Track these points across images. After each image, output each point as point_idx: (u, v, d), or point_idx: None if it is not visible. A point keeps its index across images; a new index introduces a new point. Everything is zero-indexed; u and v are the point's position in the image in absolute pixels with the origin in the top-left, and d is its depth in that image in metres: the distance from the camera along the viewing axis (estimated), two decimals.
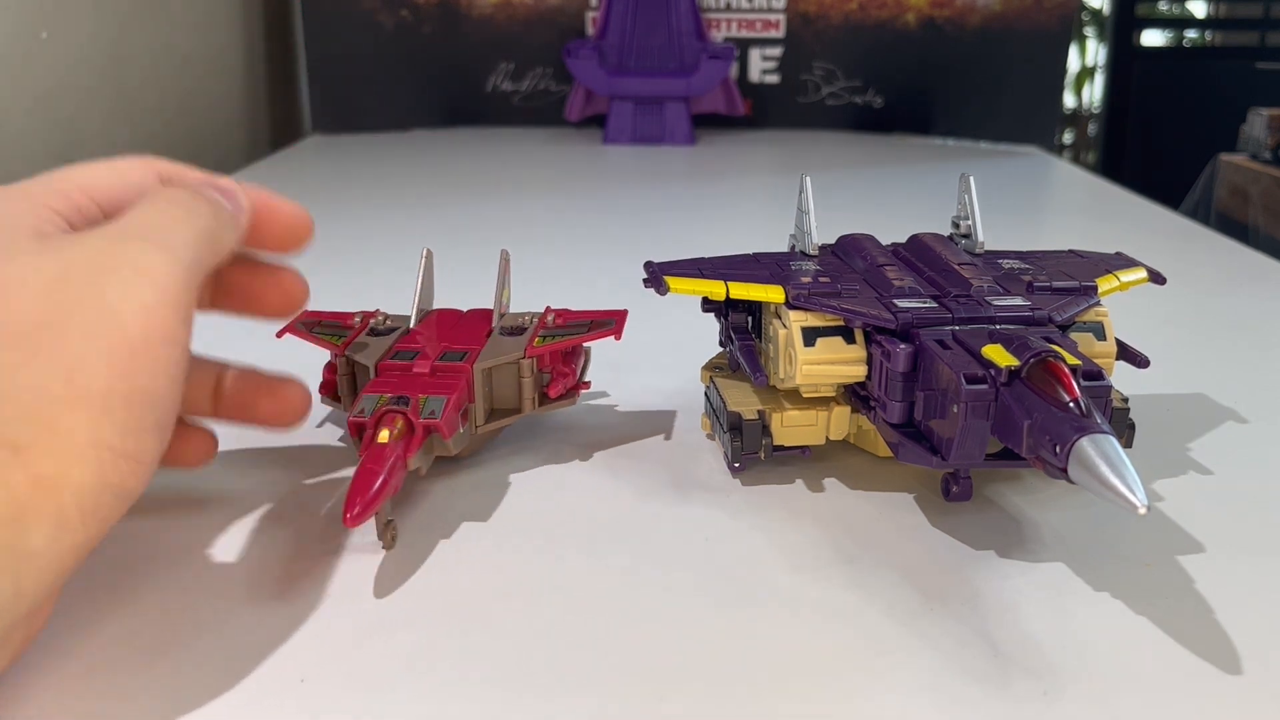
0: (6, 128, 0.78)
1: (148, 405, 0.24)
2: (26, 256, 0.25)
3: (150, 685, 0.25)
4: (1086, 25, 2.37)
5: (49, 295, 0.24)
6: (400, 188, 0.94)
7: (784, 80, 1.26)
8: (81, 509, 0.23)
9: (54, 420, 0.23)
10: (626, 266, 0.45)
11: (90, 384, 0.23)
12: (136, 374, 0.24)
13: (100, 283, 0.24)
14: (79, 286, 0.24)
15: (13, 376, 0.23)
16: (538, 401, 0.38)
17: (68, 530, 0.23)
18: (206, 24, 1.10)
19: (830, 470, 0.37)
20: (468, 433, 0.35)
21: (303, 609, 0.29)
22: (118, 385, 0.24)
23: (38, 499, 0.22)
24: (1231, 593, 0.29)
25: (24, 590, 0.22)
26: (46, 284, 0.24)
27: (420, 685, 0.26)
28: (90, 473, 0.23)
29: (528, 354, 0.37)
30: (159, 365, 0.24)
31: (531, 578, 0.30)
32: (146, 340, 0.24)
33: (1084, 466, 0.26)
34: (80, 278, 0.24)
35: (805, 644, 0.27)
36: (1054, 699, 0.25)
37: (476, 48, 1.24)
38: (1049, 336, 0.31)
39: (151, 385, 0.24)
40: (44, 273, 0.24)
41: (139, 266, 0.25)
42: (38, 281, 0.24)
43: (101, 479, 0.23)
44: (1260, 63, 1.87)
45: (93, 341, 0.24)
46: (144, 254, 0.25)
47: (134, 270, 0.25)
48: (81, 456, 0.23)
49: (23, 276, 0.24)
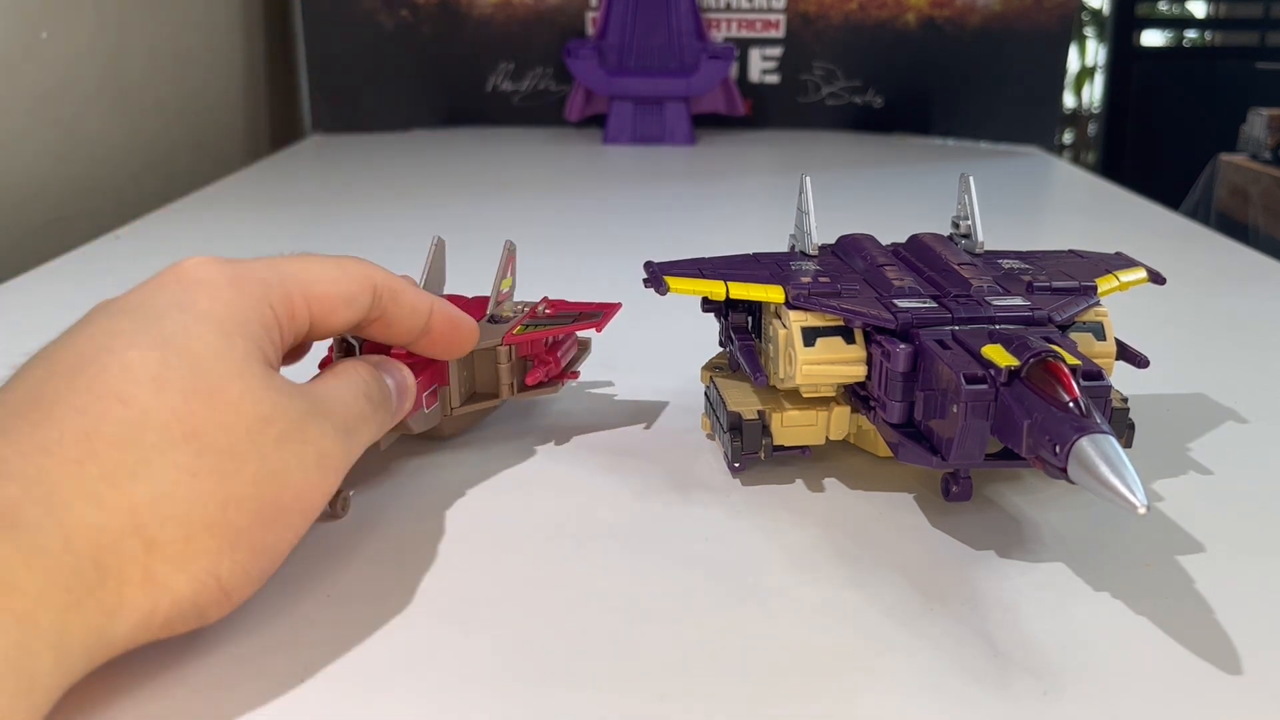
0: (6, 128, 0.78)
1: (267, 560, 0.26)
2: (249, 386, 0.26)
3: (150, 685, 0.25)
4: (1086, 25, 2.37)
5: (248, 431, 0.26)
6: (400, 188, 0.94)
7: (784, 80, 1.26)
8: (166, 618, 0.24)
9: (192, 534, 0.24)
10: (626, 266, 0.45)
11: (236, 521, 0.25)
12: (271, 530, 0.26)
13: (290, 444, 0.26)
14: (273, 438, 0.26)
15: (181, 482, 0.24)
16: (516, 388, 0.39)
17: (145, 630, 0.24)
18: (206, 24, 1.10)
19: (830, 470, 0.37)
20: (436, 414, 0.37)
21: (303, 609, 0.29)
22: (254, 533, 0.25)
23: (140, 597, 0.23)
24: (1231, 593, 0.29)
25: (89, 669, 0.23)
26: (252, 421, 0.26)
27: (421, 685, 0.26)
28: (190, 591, 0.24)
29: (505, 341, 0.38)
30: (289, 531, 0.27)
31: (532, 577, 0.30)
32: (293, 508, 0.27)
33: (1084, 466, 0.26)
34: (278, 429, 0.26)
35: (805, 644, 0.27)
36: (1054, 699, 0.25)
37: (476, 48, 1.24)
38: (1049, 336, 0.31)
39: (276, 545, 0.26)
40: (256, 409, 0.26)
41: (323, 451, 0.27)
42: (248, 414, 0.26)
43: (195, 600, 0.24)
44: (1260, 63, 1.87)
45: (258, 489, 0.25)
46: (333, 441, 0.28)
47: (318, 452, 0.27)
48: (194, 576, 0.24)
49: (239, 403, 0.26)
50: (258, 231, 0.79)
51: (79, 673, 0.23)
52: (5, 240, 0.77)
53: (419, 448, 0.39)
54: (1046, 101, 1.23)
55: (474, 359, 0.38)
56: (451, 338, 0.34)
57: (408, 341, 0.34)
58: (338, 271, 0.30)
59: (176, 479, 0.24)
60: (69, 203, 0.85)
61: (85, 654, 0.22)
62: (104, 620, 0.22)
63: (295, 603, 0.29)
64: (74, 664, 0.22)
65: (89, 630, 0.22)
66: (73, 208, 0.85)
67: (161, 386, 0.25)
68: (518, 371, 0.39)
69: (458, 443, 0.39)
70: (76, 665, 0.22)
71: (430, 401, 0.36)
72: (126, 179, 0.94)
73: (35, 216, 0.81)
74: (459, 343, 0.35)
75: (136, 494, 0.23)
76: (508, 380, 0.38)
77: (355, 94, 1.24)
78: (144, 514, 0.23)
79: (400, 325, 0.33)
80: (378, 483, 0.36)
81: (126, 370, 0.25)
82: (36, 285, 0.62)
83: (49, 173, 0.83)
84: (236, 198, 0.90)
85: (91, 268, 0.66)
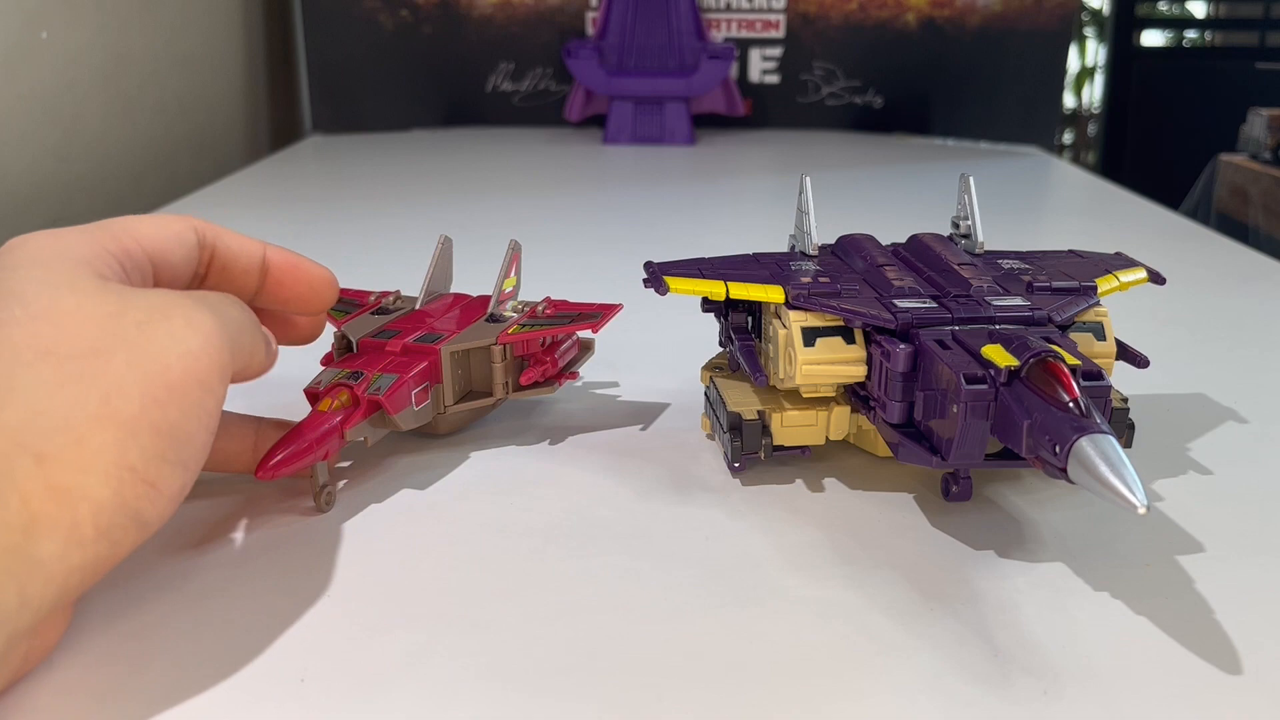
0: (6, 128, 0.78)
1: (175, 440, 0.25)
2: (87, 292, 0.26)
3: (150, 685, 0.25)
4: (1086, 25, 2.37)
5: (101, 327, 0.25)
6: (400, 188, 0.94)
7: (784, 80, 1.26)
8: (96, 526, 0.23)
9: (83, 436, 0.24)
10: (626, 266, 0.45)
11: (124, 408, 0.24)
12: (169, 409, 0.25)
13: (152, 324, 0.26)
14: (132, 324, 0.26)
15: (51, 393, 0.24)
16: (510, 387, 0.39)
17: (78, 544, 0.23)
18: (207, 24, 1.10)
19: (830, 470, 0.37)
20: (428, 411, 0.37)
21: (302, 609, 0.29)
22: (150, 415, 0.25)
23: (52, 509, 0.23)
24: (1231, 593, 0.29)
25: (29, 599, 0.22)
26: (101, 318, 0.25)
27: (420, 685, 0.26)
28: (109, 491, 0.24)
29: (500, 340, 0.38)
30: (192, 407, 0.26)
31: (531, 577, 0.30)
32: (184, 381, 0.26)
33: (1083, 466, 0.26)
34: (134, 317, 0.26)
35: (805, 644, 0.27)
36: (1054, 699, 0.25)
37: (476, 48, 1.24)
38: (1049, 336, 0.31)
39: (182, 423, 0.25)
40: (102, 308, 0.26)
41: (190, 319, 0.27)
42: (94, 314, 0.25)
43: (119, 499, 0.24)
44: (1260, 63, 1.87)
45: (134, 371, 0.25)
46: (196, 311, 0.27)
47: (185, 320, 0.27)
48: (104, 473, 0.24)
49: (80, 307, 0.26)
50: (258, 231, 0.78)
51: (16, 601, 0.22)
52: (5, 240, 0.77)
53: (419, 446, 0.39)
54: (1046, 101, 1.23)
55: (470, 358, 0.38)
56: (297, 280, 0.34)
57: (252, 287, 0.33)
58: (159, 218, 0.31)
59: (46, 393, 0.24)
60: (69, 203, 0.85)
61: (12, 579, 0.22)
62: (16, 539, 0.22)
63: (295, 603, 0.29)
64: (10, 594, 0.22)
65: (2, 552, 0.22)
66: (73, 208, 0.85)
67: (4, 326, 0.25)
68: (513, 371, 0.39)
69: (458, 442, 0.39)
70: (7, 591, 0.22)
71: (421, 399, 0.36)
72: (126, 179, 0.94)
73: (35, 216, 0.81)
74: (309, 287, 0.34)
75: (8, 418, 0.23)
76: (502, 379, 0.38)
77: (355, 94, 1.24)
78: (23, 432, 0.23)
79: (236, 266, 0.33)
80: (377, 482, 0.36)
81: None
82: None
83: (49, 173, 0.83)
84: (236, 198, 0.90)
85: None
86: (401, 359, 0.36)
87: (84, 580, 0.24)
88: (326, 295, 0.35)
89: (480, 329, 0.39)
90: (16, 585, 0.22)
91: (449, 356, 0.37)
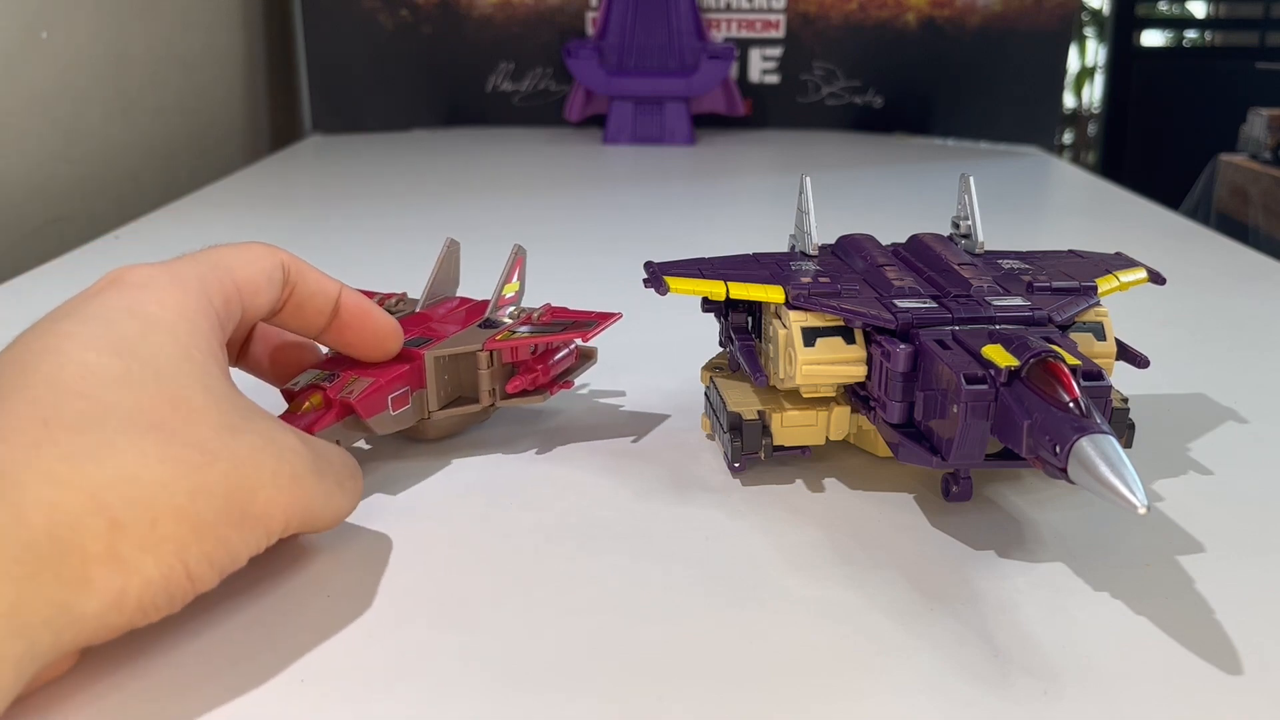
0: (6, 128, 0.78)
1: (227, 555, 0.26)
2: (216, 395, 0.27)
3: (150, 685, 0.25)
4: (1086, 25, 2.37)
5: (218, 435, 0.26)
6: (400, 188, 0.94)
7: (784, 80, 1.26)
8: (139, 600, 0.24)
9: (159, 519, 0.24)
10: (627, 266, 0.45)
11: (204, 513, 0.25)
12: (236, 531, 0.26)
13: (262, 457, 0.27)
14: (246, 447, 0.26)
15: (147, 467, 0.24)
16: (498, 395, 0.38)
17: (118, 611, 0.24)
18: (207, 24, 1.10)
19: (830, 470, 0.37)
20: (407, 416, 0.36)
21: (303, 609, 0.29)
22: (220, 528, 0.25)
23: (106, 575, 0.23)
24: (1231, 593, 0.29)
25: (60, 647, 0.23)
26: (220, 428, 0.26)
27: (420, 685, 0.26)
28: (159, 575, 0.24)
29: (485, 347, 0.37)
30: (252, 538, 0.27)
31: (531, 578, 0.30)
32: (259, 518, 0.27)
33: (1084, 466, 0.26)
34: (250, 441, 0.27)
35: (805, 644, 0.27)
36: (1054, 699, 0.25)
37: (476, 48, 1.24)
38: (1049, 336, 0.31)
39: (239, 546, 0.26)
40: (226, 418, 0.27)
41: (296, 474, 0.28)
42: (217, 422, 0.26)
43: (165, 583, 0.24)
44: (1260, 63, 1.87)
45: (227, 485, 0.26)
46: (306, 473, 0.28)
47: (291, 474, 0.27)
48: (161, 559, 0.24)
49: (207, 409, 0.26)
50: (258, 232, 0.79)
51: (48, 648, 0.22)
52: (5, 240, 0.77)
53: (418, 448, 0.39)
54: (1046, 101, 1.23)
55: (459, 363, 0.38)
56: (364, 326, 0.35)
57: (320, 325, 0.34)
58: (250, 253, 0.31)
59: (142, 463, 0.24)
60: (69, 203, 0.85)
61: (51, 629, 0.22)
62: (69, 596, 0.22)
63: (295, 603, 0.29)
64: (39, 638, 0.22)
65: (51, 604, 0.22)
66: (73, 208, 0.85)
67: (125, 386, 0.25)
68: (500, 378, 0.38)
69: (457, 443, 0.39)
70: (42, 640, 0.22)
71: (400, 403, 0.36)
72: (126, 179, 0.94)
73: (35, 216, 0.81)
74: (374, 333, 0.35)
75: (98, 475, 0.23)
76: (488, 386, 0.38)
77: (355, 94, 1.24)
78: (107, 494, 0.23)
79: (310, 305, 0.33)
80: (376, 483, 0.36)
81: (85, 369, 0.25)
82: (36, 285, 0.62)
83: (49, 173, 0.83)
84: (236, 198, 0.90)
85: (91, 268, 0.66)
86: (384, 362, 0.36)
87: (110, 636, 0.24)
88: (390, 345, 0.36)
89: (471, 334, 0.38)
90: (53, 635, 0.22)
91: (433, 362, 0.36)
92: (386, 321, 0.35)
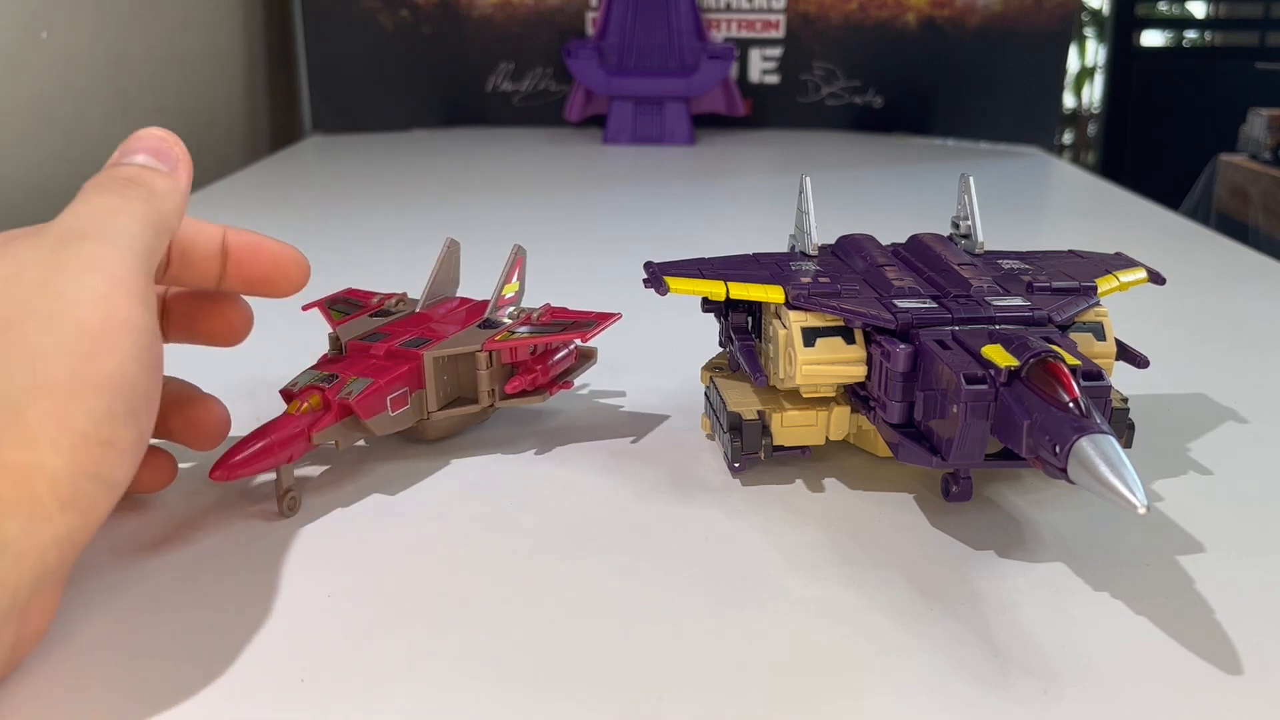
0: (6, 128, 0.78)
1: (117, 391, 0.24)
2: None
3: (150, 685, 0.25)
4: (1086, 25, 2.37)
5: (3, 295, 0.24)
6: (400, 188, 0.94)
7: (784, 80, 1.26)
8: (59, 498, 0.23)
9: (21, 410, 0.23)
10: (627, 266, 0.45)
11: (53, 373, 0.23)
12: (101, 361, 0.24)
13: (53, 279, 0.25)
14: (32, 284, 0.25)
15: None
16: (497, 395, 0.38)
17: (44, 520, 0.22)
18: (207, 24, 1.10)
19: (830, 470, 0.37)
20: (406, 417, 0.36)
21: (303, 609, 0.29)
22: (82, 372, 0.24)
23: (7, 488, 0.22)
24: (1231, 593, 0.29)
25: (4, 582, 0.22)
26: (1, 285, 0.24)
27: (420, 685, 0.26)
28: (64, 460, 0.23)
29: (484, 347, 0.37)
30: (124, 351, 0.25)
31: (531, 578, 0.30)
32: (106, 327, 0.24)
33: (1084, 466, 0.26)
34: (33, 276, 0.25)
35: (805, 644, 0.27)
36: (1054, 699, 0.25)
37: (476, 48, 1.24)
38: (1049, 336, 0.31)
39: (119, 371, 0.24)
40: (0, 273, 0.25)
41: (88, 262, 0.25)
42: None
43: (77, 466, 0.23)
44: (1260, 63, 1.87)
45: (51, 332, 0.24)
46: (91, 249, 0.26)
47: (84, 266, 0.25)
48: (54, 444, 0.23)
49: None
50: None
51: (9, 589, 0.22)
52: None
53: (417, 449, 0.39)
54: (1046, 101, 1.23)
55: (458, 364, 0.38)
56: (259, 260, 0.33)
57: (215, 272, 0.32)
58: None
59: None
60: (69, 203, 0.85)
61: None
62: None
63: (295, 603, 0.29)
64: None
65: None
66: None
67: None
68: (499, 379, 0.38)
69: (457, 443, 0.39)
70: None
71: (399, 404, 0.36)
72: None
73: (35, 216, 0.80)
74: (274, 266, 0.33)
75: None
76: (487, 387, 0.38)
77: (355, 94, 1.24)
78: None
79: (196, 253, 0.32)
80: (377, 483, 0.36)
81: None
82: None
83: (49, 173, 0.83)
84: (236, 198, 0.90)
85: None
86: (383, 363, 0.36)
87: (62, 555, 0.23)
88: (294, 274, 0.34)
89: (470, 335, 0.38)
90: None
91: (432, 362, 0.36)
92: (284, 250, 0.33)
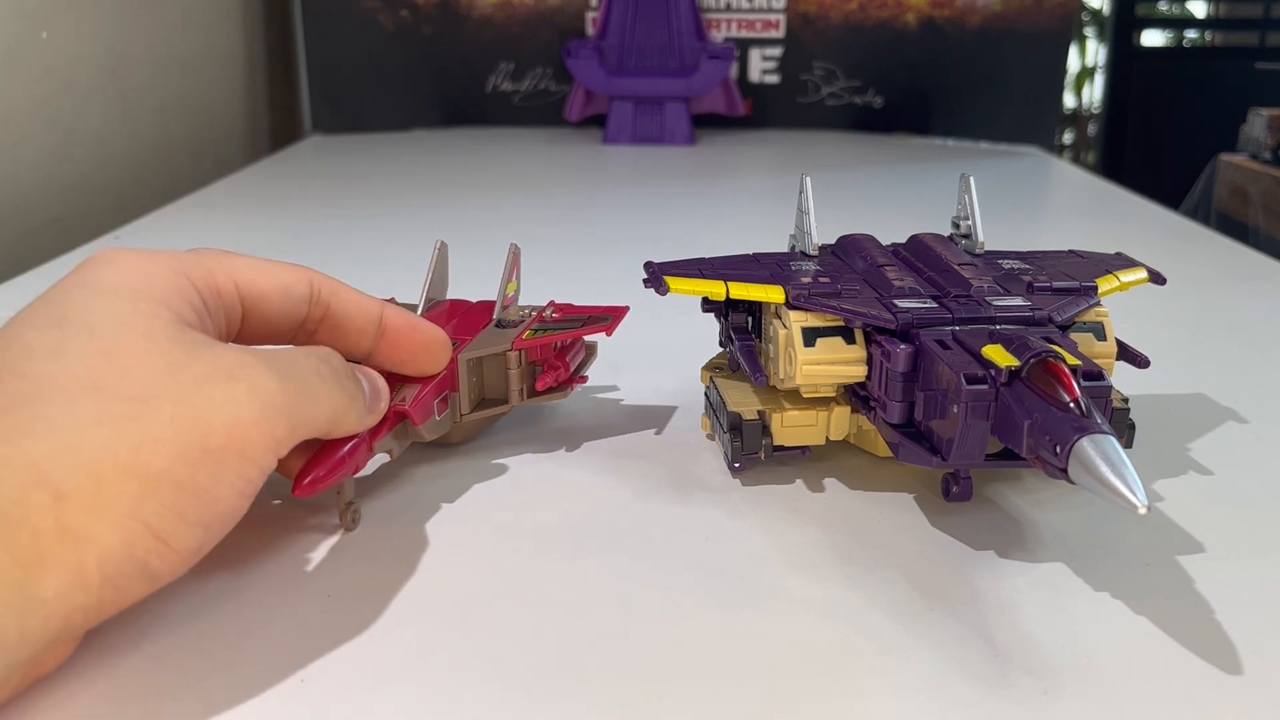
0: (6, 128, 0.78)
1: (198, 501, 0.25)
2: (157, 338, 0.25)
3: (150, 686, 0.25)
4: (1086, 25, 2.37)
5: (157, 375, 0.25)
6: (400, 188, 0.94)
7: (784, 80, 1.26)
8: (102, 572, 0.23)
9: (104, 480, 0.23)
10: (627, 266, 0.45)
11: (152, 462, 0.24)
12: (199, 471, 0.25)
13: (211, 383, 0.25)
14: (190, 379, 0.25)
15: (86, 431, 0.23)
16: (526, 393, 0.38)
17: (82, 588, 0.23)
18: (207, 24, 1.10)
19: (830, 470, 0.37)
20: (447, 420, 0.36)
21: (303, 609, 0.29)
22: (177, 472, 0.24)
23: (60, 549, 0.22)
24: (1231, 593, 0.29)
25: (28, 634, 0.22)
26: (162, 367, 0.25)
27: (420, 685, 0.26)
28: (118, 540, 0.23)
29: (515, 346, 0.37)
30: (226, 473, 0.25)
31: (531, 577, 0.30)
32: (224, 447, 0.25)
33: (1084, 467, 0.26)
34: (196, 372, 0.25)
35: (805, 644, 0.27)
36: (1054, 699, 0.25)
37: (476, 48, 1.24)
38: (1049, 336, 0.31)
39: (210, 487, 0.25)
40: (166, 357, 0.25)
41: (254, 386, 0.26)
42: (156, 362, 0.25)
43: (127, 549, 0.23)
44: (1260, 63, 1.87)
45: (174, 426, 0.24)
46: (264, 378, 0.26)
47: (248, 387, 0.26)
48: (116, 522, 0.23)
49: (146, 352, 0.25)
50: (258, 231, 0.79)
51: (15, 636, 0.22)
52: (5, 240, 0.77)
53: (417, 449, 0.39)
54: (1046, 101, 1.23)
55: (483, 365, 0.38)
56: (413, 342, 0.34)
57: (366, 347, 0.33)
58: (269, 263, 0.30)
59: (80, 429, 0.23)
60: (69, 203, 0.85)
61: (14, 615, 0.22)
62: (23, 576, 0.22)
63: (295, 603, 0.29)
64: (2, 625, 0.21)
65: (7, 587, 0.22)
66: (73, 208, 0.85)
67: (59, 356, 0.24)
68: (527, 377, 0.38)
69: (455, 445, 0.39)
70: (7, 628, 0.22)
71: (442, 408, 0.35)
72: (126, 179, 0.94)
73: (35, 216, 0.81)
74: (424, 349, 0.34)
75: (36, 449, 0.23)
76: (517, 386, 0.38)
77: (355, 94, 1.24)
78: (47, 465, 0.23)
79: (350, 325, 0.32)
80: (375, 484, 0.36)
81: (25, 349, 0.25)
82: (36, 285, 0.61)
83: (49, 173, 0.83)
84: (236, 198, 0.90)
85: None
86: None
87: (87, 620, 0.24)
88: (440, 357, 0.35)
89: (492, 335, 0.38)
90: (16, 620, 0.22)
91: (465, 364, 0.36)
92: (435, 334, 0.35)
